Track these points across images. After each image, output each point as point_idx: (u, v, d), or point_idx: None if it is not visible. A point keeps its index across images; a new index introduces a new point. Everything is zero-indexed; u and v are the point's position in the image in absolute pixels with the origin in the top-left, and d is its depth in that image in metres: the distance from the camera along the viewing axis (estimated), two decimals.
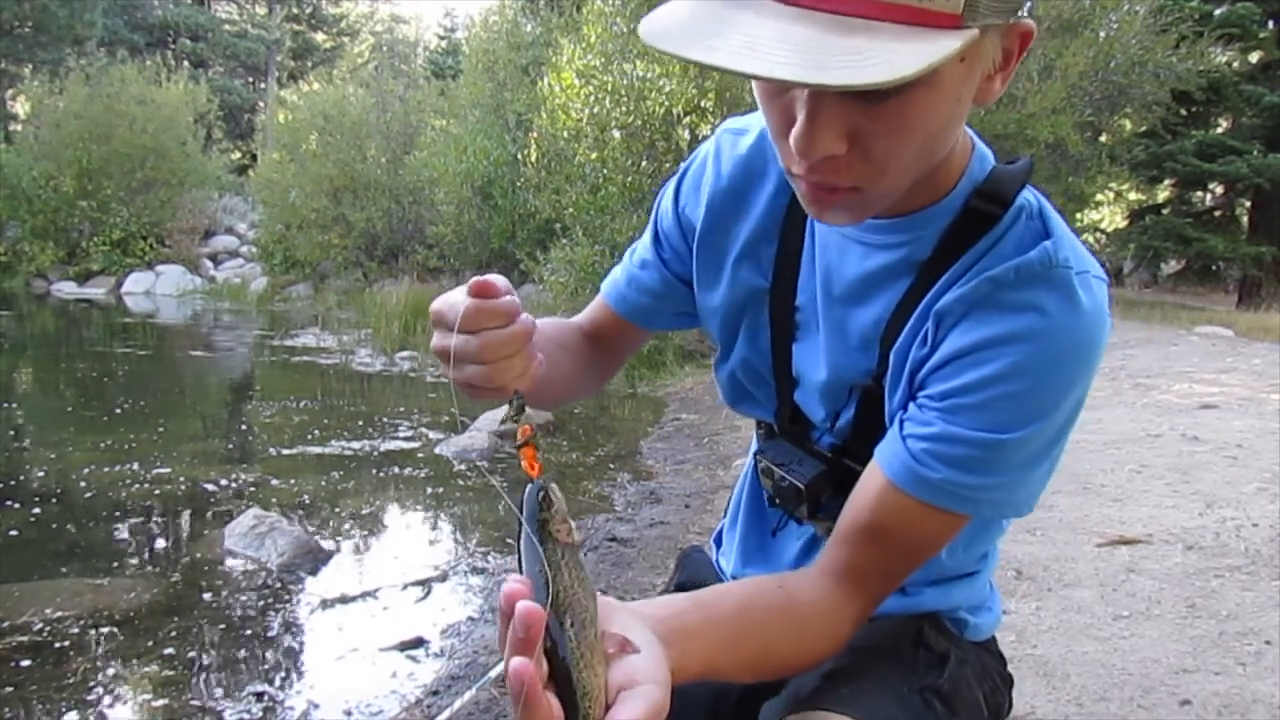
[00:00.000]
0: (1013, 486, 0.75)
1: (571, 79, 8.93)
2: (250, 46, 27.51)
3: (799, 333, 0.87)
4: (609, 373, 1.03)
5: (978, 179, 0.77)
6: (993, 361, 0.71)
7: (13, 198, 16.14)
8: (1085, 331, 0.71)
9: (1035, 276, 0.72)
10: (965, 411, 0.72)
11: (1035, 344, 0.70)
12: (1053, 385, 0.71)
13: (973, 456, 0.72)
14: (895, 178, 0.67)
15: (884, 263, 0.79)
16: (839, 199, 0.68)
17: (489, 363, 0.65)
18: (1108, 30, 9.28)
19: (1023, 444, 0.72)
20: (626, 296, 0.97)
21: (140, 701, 2.03)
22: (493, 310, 0.63)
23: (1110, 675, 1.76)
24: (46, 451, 4.37)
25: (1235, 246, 13.72)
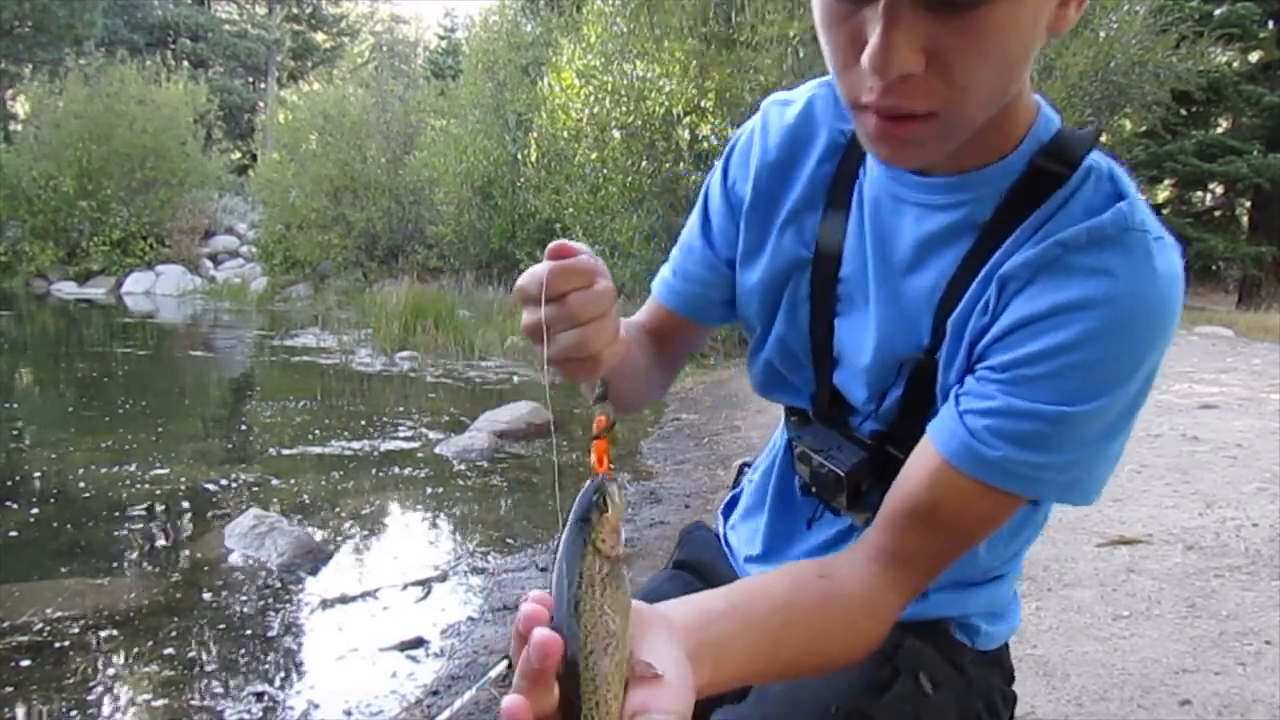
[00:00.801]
0: (1080, 466, 0.70)
1: (571, 79, 8.93)
2: (250, 46, 27.51)
3: (842, 306, 0.81)
4: (671, 374, 0.98)
5: (1043, 139, 0.72)
6: (1062, 329, 0.66)
7: (13, 198, 16.14)
8: (1161, 297, 0.67)
9: (1108, 239, 0.67)
10: (1030, 383, 0.67)
11: (1108, 310, 0.65)
12: (1127, 354, 0.66)
13: (1038, 432, 0.67)
14: (975, 104, 0.62)
15: (942, 224, 0.74)
16: (912, 130, 0.63)
17: (581, 324, 0.62)
18: (1108, 30, 9.28)
19: (1093, 417, 0.67)
20: (675, 289, 0.93)
21: (140, 701, 2.03)
22: (575, 268, 0.61)
23: (1110, 675, 1.76)
24: (46, 451, 4.37)
25: (1235, 246, 13.73)
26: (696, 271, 0.91)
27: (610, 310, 0.63)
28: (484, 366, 7.74)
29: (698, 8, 8.27)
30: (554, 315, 0.62)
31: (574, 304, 0.61)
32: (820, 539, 0.90)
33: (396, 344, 8.54)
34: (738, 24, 8.07)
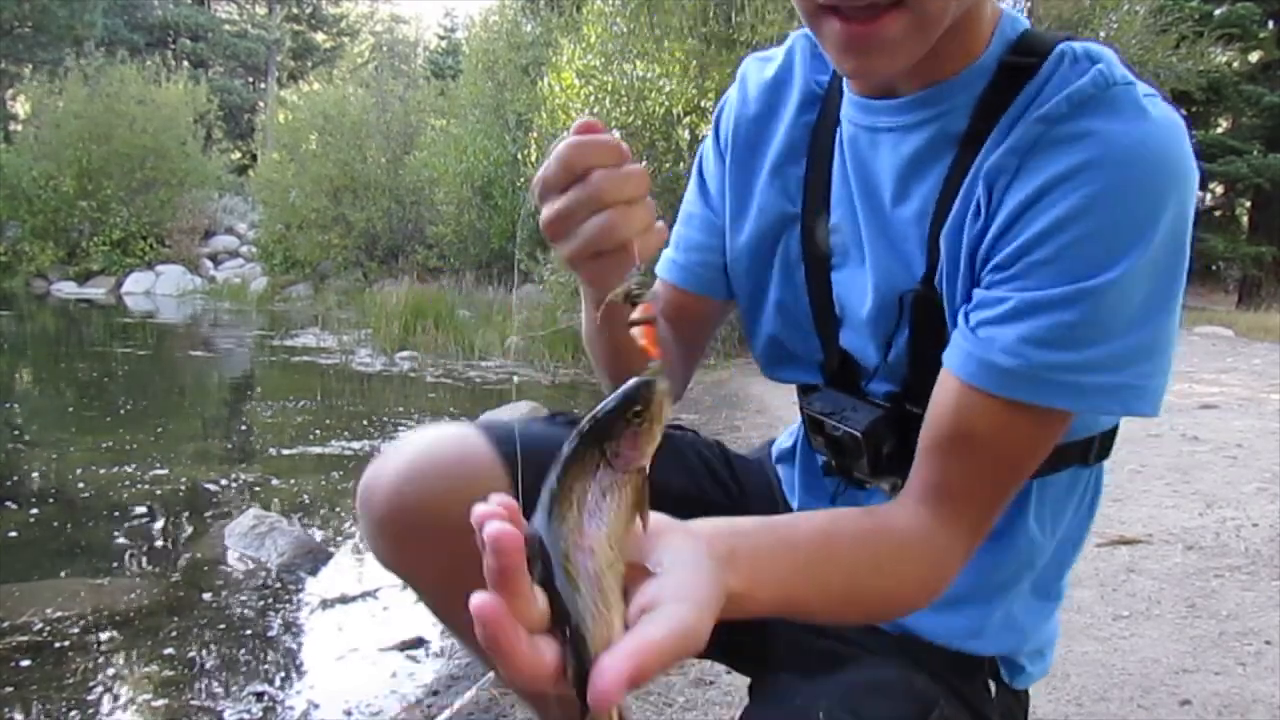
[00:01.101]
0: (1121, 361, 0.60)
1: (571, 79, 8.92)
2: (250, 46, 27.51)
3: (837, 259, 0.76)
4: (691, 364, 0.91)
5: (1010, 38, 0.68)
6: (1061, 201, 0.59)
7: (13, 198, 16.14)
8: (1162, 143, 0.60)
9: (1091, 100, 0.61)
10: (1037, 270, 0.60)
11: (1105, 168, 0.59)
12: (1138, 209, 0.59)
13: (1058, 323, 0.59)
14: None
15: (919, 144, 0.69)
16: (880, 28, 0.58)
17: (608, 205, 0.53)
18: (1108, 30, 9.28)
19: (1116, 291, 0.59)
20: (681, 264, 0.86)
21: (140, 701, 2.03)
22: (600, 145, 0.53)
23: (1110, 675, 1.76)
24: (46, 451, 4.37)
25: (1235, 246, 13.74)
26: (700, 239, 0.85)
27: (644, 195, 0.55)
28: (484, 366, 7.74)
29: (698, 8, 8.27)
30: (577, 198, 0.53)
31: (599, 182, 0.53)
32: None
33: (396, 344, 8.54)
34: (738, 24, 8.07)
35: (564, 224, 0.55)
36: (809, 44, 0.79)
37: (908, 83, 0.69)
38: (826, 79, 0.78)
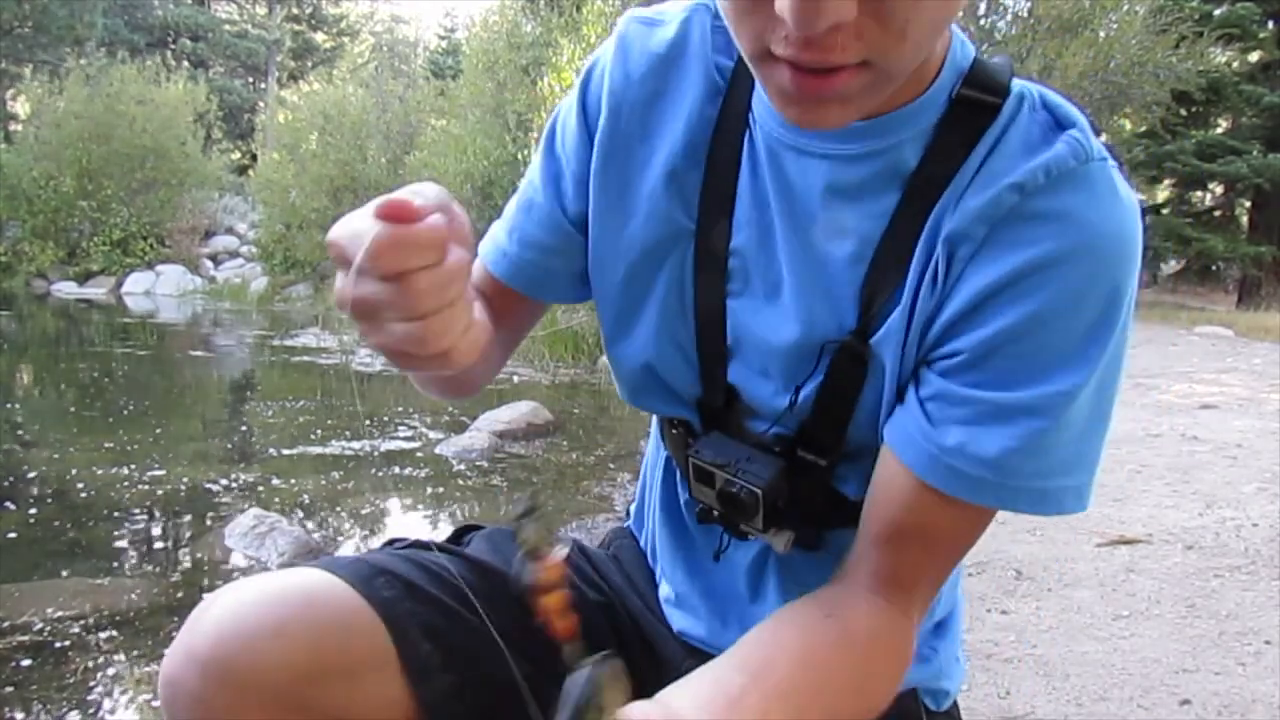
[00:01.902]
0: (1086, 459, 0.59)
1: (571, 79, 8.91)
2: (250, 46, 27.50)
3: (735, 285, 0.66)
4: (507, 352, 0.79)
5: (962, 67, 0.61)
6: (1037, 293, 0.56)
7: (13, 197, 16.13)
8: (1132, 230, 0.58)
9: (1069, 175, 0.57)
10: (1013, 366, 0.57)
11: (1087, 262, 0.56)
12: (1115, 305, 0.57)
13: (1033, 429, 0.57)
14: (913, 47, 0.50)
15: (859, 177, 0.61)
16: (838, 85, 0.50)
17: (422, 317, 0.45)
18: (1107, 30, 9.28)
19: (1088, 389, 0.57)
20: (509, 253, 0.73)
21: (140, 702, 2.03)
22: (423, 245, 0.44)
23: (1110, 675, 1.76)
24: (46, 451, 4.37)
25: (1235, 246, 13.74)
26: (538, 235, 0.72)
27: (462, 294, 0.47)
28: None
29: None
30: (390, 300, 0.45)
31: (413, 289, 0.44)
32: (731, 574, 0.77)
33: None
34: None
35: (371, 314, 0.46)
36: (709, 16, 0.67)
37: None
38: (731, 64, 0.66)
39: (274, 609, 0.61)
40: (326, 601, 0.64)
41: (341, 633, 0.63)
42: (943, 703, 0.79)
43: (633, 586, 0.84)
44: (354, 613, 0.64)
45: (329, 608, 0.63)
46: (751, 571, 0.75)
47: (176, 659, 0.60)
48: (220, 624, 0.60)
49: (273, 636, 0.60)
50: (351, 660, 0.63)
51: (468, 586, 0.68)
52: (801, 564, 0.73)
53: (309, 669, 0.61)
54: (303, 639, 0.61)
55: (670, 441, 0.76)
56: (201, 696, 0.59)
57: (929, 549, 0.63)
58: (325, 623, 0.62)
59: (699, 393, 0.70)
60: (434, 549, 0.74)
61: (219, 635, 0.59)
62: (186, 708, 0.59)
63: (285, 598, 0.63)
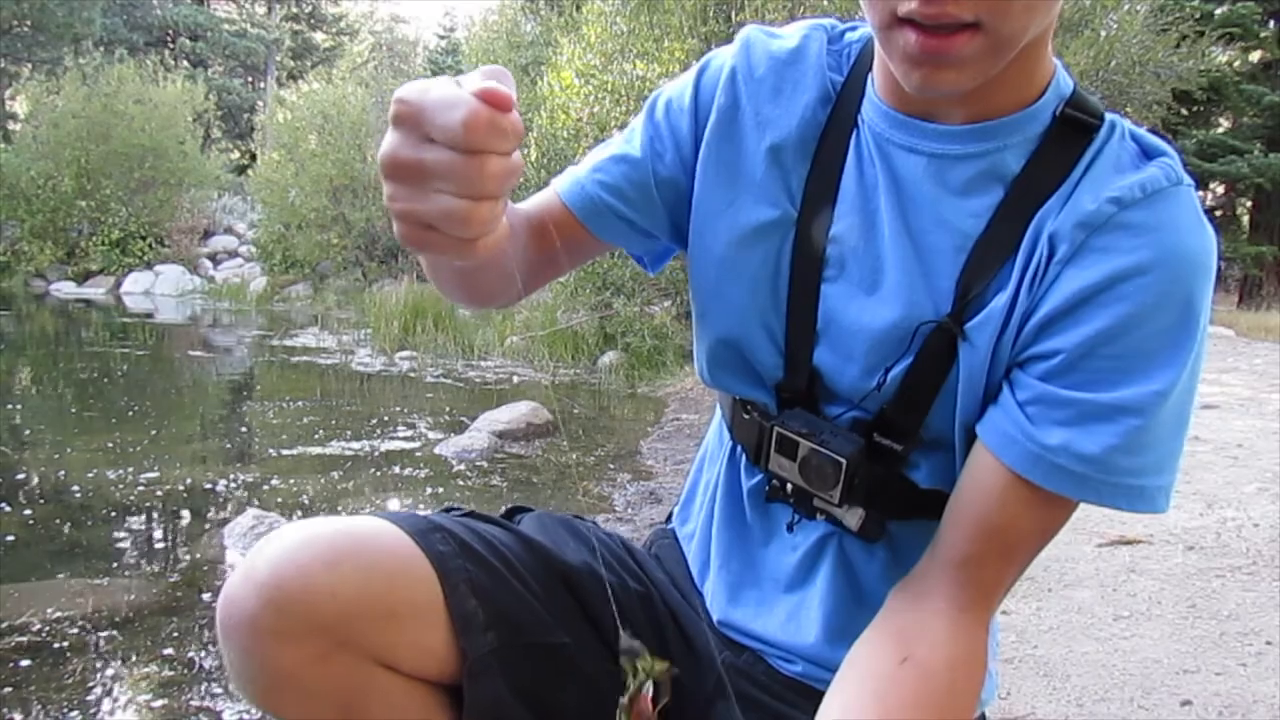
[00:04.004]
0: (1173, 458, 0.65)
1: (571, 78, 8.92)
2: (249, 46, 27.48)
3: (831, 270, 0.71)
4: (538, 279, 0.81)
5: (1064, 91, 0.68)
6: (1132, 297, 0.60)
7: (11, 197, 16.11)
8: (1210, 253, 0.63)
9: (1163, 194, 0.63)
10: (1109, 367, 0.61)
11: (1176, 270, 0.61)
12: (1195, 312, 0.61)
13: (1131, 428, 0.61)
14: (1021, 13, 0.58)
15: (968, 175, 0.67)
16: (957, 46, 0.58)
17: (479, 198, 0.46)
18: (1108, 30, 9.27)
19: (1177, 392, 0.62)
20: (586, 189, 0.77)
21: (140, 701, 2.02)
22: (509, 129, 0.47)
23: (1111, 675, 1.76)
24: (46, 451, 4.37)
25: (1236, 246, 13.73)
26: (620, 184, 0.77)
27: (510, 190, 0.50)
28: (484, 366, 7.73)
29: (698, 7, 8.27)
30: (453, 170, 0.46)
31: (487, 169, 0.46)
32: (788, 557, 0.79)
33: (396, 344, 8.53)
34: (738, 24, 8.07)
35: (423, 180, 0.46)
36: (825, 38, 0.75)
37: (952, 111, 0.67)
38: (842, 79, 0.74)
39: (331, 544, 0.66)
40: (382, 546, 0.69)
41: (392, 577, 0.68)
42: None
43: (672, 582, 0.88)
44: (408, 560, 0.69)
45: (384, 552, 0.68)
46: (806, 559, 0.78)
47: (236, 580, 0.65)
48: (280, 552, 0.65)
49: (325, 569, 0.65)
50: (399, 604, 0.68)
51: (515, 558, 0.75)
52: (858, 554, 0.76)
53: (357, 605, 0.65)
54: (353, 576, 0.65)
55: (741, 427, 0.79)
56: (254, 617, 0.63)
57: (1010, 551, 0.65)
58: (378, 565, 0.67)
59: (780, 375, 0.74)
60: (487, 520, 0.80)
61: (277, 561, 0.64)
62: (238, 627, 0.64)
63: (344, 536, 0.68)
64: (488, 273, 0.71)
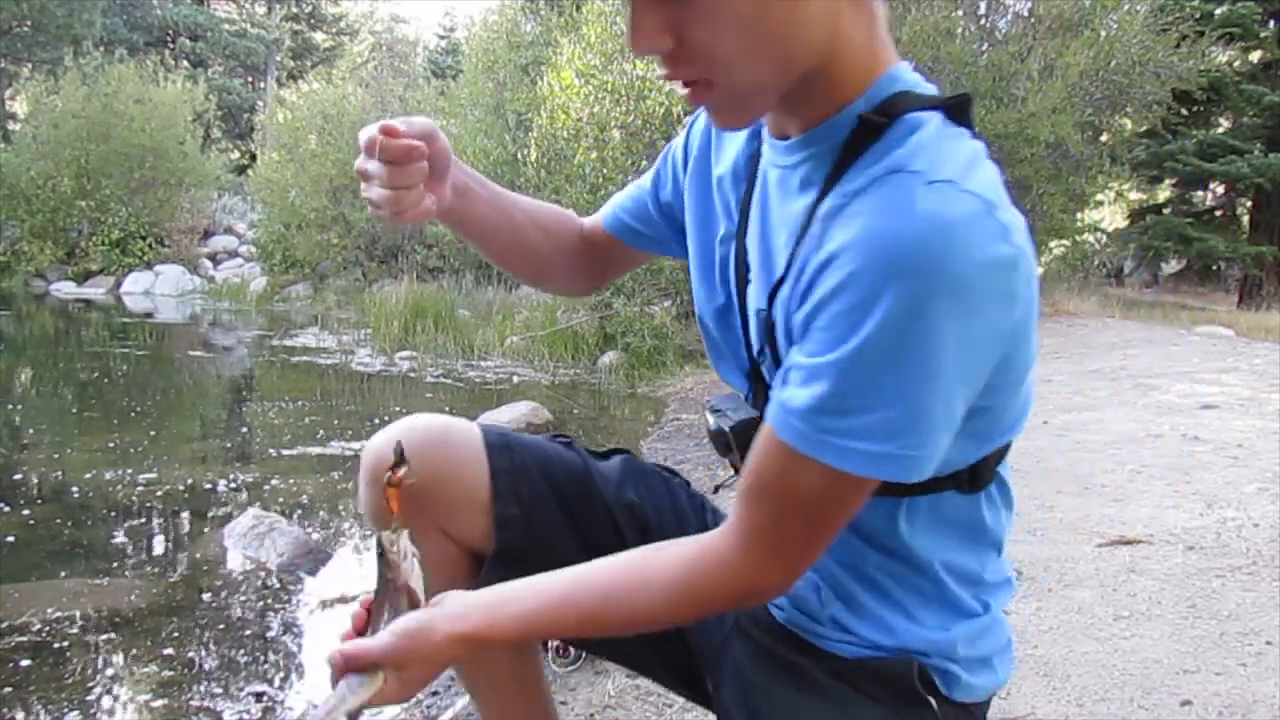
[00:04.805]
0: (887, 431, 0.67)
1: (571, 79, 8.92)
2: (249, 46, 27.48)
3: (751, 274, 0.84)
4: (595, 277, 1.11)
5: (883, 94, 0.73)
6: (831, 277, 0.67)
7: (11, 197, 16.11)
8: (913, 236, 0.63)
9: (877, 181, 0.67)
10: (812, 337, 0.68)
11: (864, 249, 0.65)
12: (880, 293, 0.64)
13: (833, 391, 0.67)
14: (741, 72, 0.68)
15: (795, 183, 0.77)
16: (705, 99, 0.71)
17: (389, 189, 0.82)
18: (1108, 30, 9.27)
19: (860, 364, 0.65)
20: (613, 213, 1.05)
21: (140, 701, 2.03)
22: (391, 148, 0.80)
23: (1111, 676, 1.76)
24: (46, 451, 4.37)
25: (1236, 246, 13.73)
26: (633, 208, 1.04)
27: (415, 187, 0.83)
28: (484, 366, 7.73)
29: None
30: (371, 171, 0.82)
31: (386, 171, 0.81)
32: None
33: (396, 344, 8.53)
34: None
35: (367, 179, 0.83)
36: None
37: (793, 125, 0.77)
38: None
39: (423, 435, 0.93)
40: (460, 445, 0.96)
41: (458, 470, 0.94)
42: (953, 688, 0.82)
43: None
44: (474, 461, 0.95)
45: (458, 449, 0.95)
46: None
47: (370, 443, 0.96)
48: (393, 428, 0.95)
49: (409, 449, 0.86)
50: (456, 492, 0.94)
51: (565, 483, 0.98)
52: None
53: (430, 482, 0.90)
54: (429, 461, 0.91)
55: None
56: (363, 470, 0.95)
57: (766, 493, 0.73)
58: (449, 459, 0.94)
59: (746, 365, 0.87)
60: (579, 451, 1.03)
61: (382, 436, 0.95)
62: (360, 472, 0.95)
63: (436, 432, 0.95)
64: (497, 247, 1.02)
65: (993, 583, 0.85)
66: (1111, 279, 14.85)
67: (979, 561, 0.83)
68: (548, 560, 0.89)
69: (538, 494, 0.96)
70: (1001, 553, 0.86)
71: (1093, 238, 13.38)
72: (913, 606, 0.82)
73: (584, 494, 0.98)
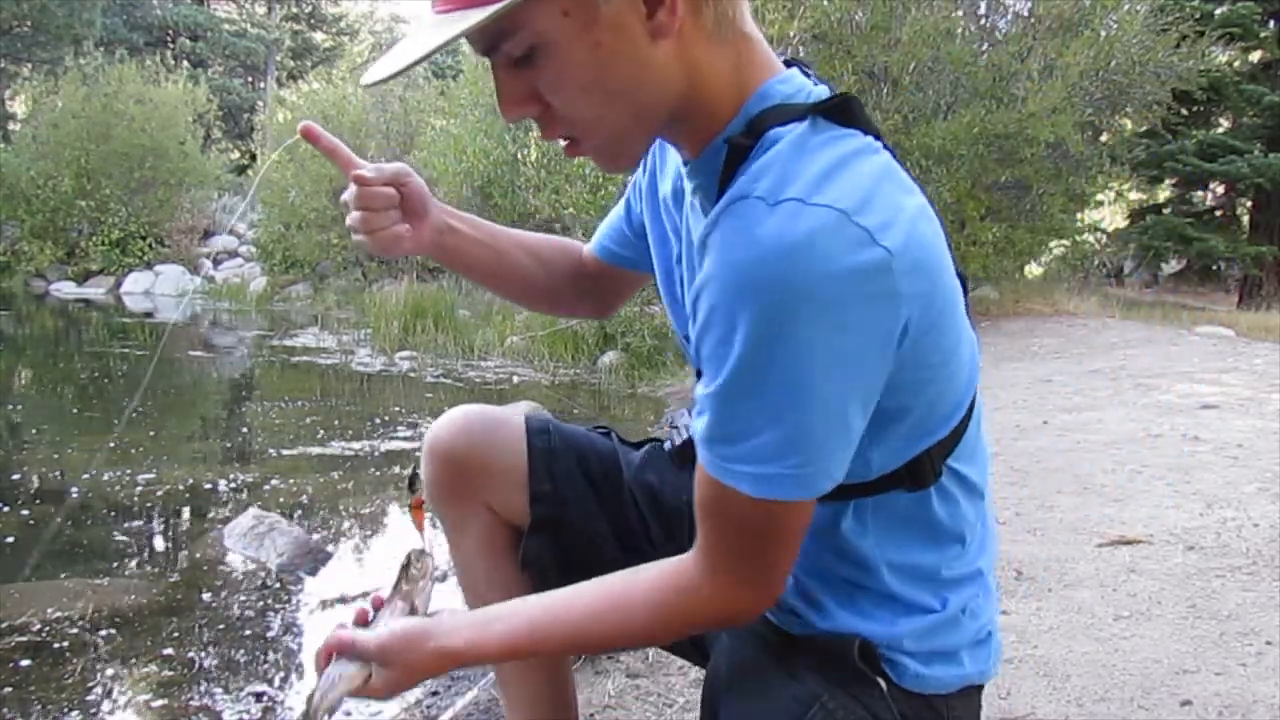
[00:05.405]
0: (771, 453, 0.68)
1: None
2: (249, 46, 27.48)
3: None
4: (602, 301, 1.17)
5: (752, 114, 0.74)
6: (701, 310, 0.69)
7: (11, 197, 16.12)
8: (758, 263, 0.64)
9: (723, 211, 0.69)
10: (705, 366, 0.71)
11: (720, 281, 0.67)
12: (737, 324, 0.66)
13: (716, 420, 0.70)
14: (598, 125, 0.73)
15: (698, 207, 0.83)
16: (582, 151, 0.77)
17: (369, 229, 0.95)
18: (1108, 30, 9.27)
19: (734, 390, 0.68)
20: (599, 241, 1.11)
21: (140, 701, 2.03)
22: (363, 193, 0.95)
23: (1111, 676, 1.76)
24: (46, 451, 4.37)
25: (1236, 246, 13.72)
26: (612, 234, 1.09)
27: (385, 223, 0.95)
28: (484, 366, 7.73)
29: None
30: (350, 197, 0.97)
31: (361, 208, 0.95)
32: None
33: (396, 344, 8.53)
34: None
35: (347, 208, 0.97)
36: None
37: (688, 152, 0.80)
38: None
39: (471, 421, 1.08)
40: (504, 430, 1.08)
41: (499, 453, 1.06)
42: (903, 677, 0.81)
43: None
44: (515, 443, 1.07)
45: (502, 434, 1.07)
46: None
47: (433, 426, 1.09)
48: (449, 414, 1.09)
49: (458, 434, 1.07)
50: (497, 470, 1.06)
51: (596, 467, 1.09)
52: None
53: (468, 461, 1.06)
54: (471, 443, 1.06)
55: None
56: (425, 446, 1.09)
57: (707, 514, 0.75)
58: (492, 443, 1.07)
59: None
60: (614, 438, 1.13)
61: (443, 420, 1.08)
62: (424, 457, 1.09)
63: (483, 419, 1.08)
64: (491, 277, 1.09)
65: (953, 578, 0.83)
66: (1111, 279, 14.84)
67: (937, 557, 0.82)
68: (577, 531, 1.06)
69: (569, 473, 1.07)
70: (966, 543, 0.84)
71: (1093, 238, 13.38)
72: (863, 603, 0.83)
73: (611, 475, 1.08)
